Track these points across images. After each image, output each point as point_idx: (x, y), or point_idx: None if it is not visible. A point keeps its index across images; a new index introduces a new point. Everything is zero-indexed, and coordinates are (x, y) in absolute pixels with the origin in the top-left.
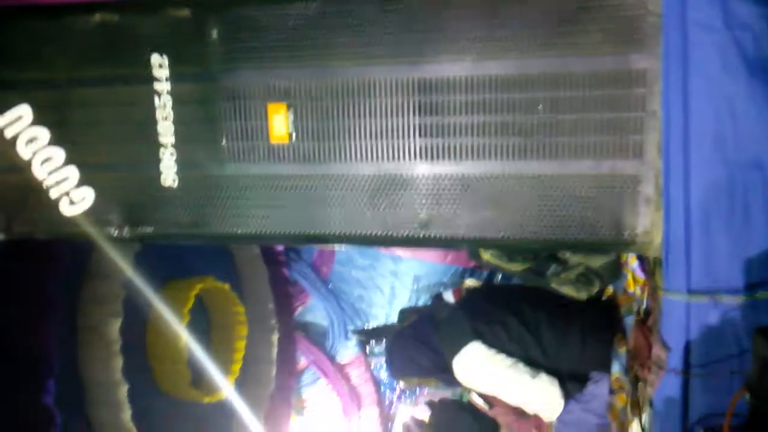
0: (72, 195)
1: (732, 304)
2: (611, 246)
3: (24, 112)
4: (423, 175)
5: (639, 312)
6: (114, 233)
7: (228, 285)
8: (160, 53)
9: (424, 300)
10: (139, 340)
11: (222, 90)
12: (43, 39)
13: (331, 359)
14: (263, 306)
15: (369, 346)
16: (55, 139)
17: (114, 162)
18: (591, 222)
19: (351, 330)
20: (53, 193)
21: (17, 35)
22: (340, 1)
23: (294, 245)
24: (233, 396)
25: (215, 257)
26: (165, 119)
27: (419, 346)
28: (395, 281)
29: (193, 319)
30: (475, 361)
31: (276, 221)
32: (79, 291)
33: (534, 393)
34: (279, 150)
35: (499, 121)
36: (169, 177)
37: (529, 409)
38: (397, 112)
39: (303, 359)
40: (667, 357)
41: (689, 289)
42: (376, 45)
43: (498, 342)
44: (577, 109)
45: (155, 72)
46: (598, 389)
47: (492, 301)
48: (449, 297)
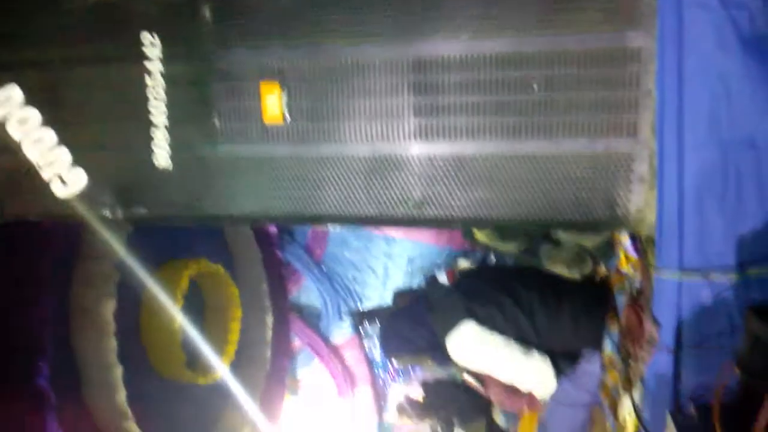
0: (64, 176)
1: (724, 282)
2: (605, 225)
3: (14, 92)
4: (417, 155)
5: (631, 291)
6: (107, 214)
7: (222, 267)
8: (151, 32)
9: (417, 281)
10: (134, 322)
11: (215, 70)
12: (33, 18)
13: (325, 340)
14: (257, 287)
15: (363, 327)
16: (47, 120)
17: (106, 143)
18: (585, 201)
19: (345, 311)
20: (45, 175)
21: (6, 14)
22: None
23: (288, 225)
24: (228, 377)
25: (209, 239)
26: (157, 99)
27: (413, 325)
28: (389, 262)
29: (188, 301)
30: (469, 340)
31: (270, 201)
32: (72, 273)
33: (527, 371)
34: (273, 130)
35: (494, 101)
36: (162, 158)
37: (522, 387)
38: (392, 91)
39: (297, 340)
40: (659, 334)
41: (681, 268)
42: (370, 23)
43: (491, 321)
44: (572, 88)
45: (147, 51)
46: (589, 367)
47: (486, 281)
48: (443, 278)
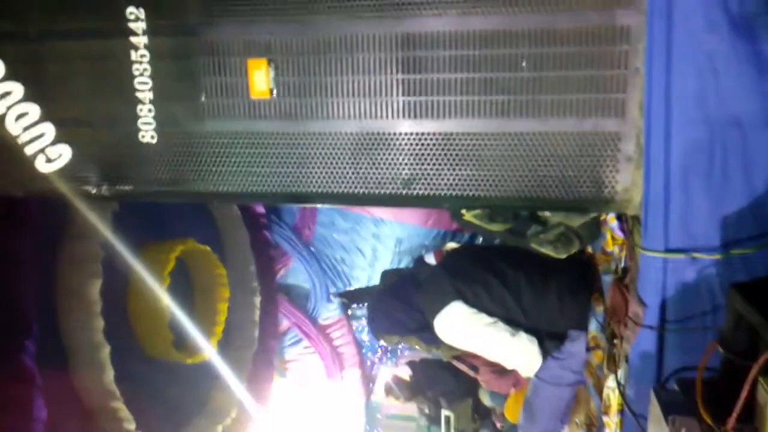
0: (48, 152)
1: (708, 261)
2: (591, 204)
3: None
4: (406, 133)
5: (617, 270)
6: (92, 191)
7: (209, 247)
8: (136, 5)
9: (405, 262)
10: (121, 302)
11: (201, 44)
12: None
13: (313, 321)
14: (245, 268)
15: (351, 308)
16: (30, 95)
17: (91, 118)
18: (572, 180)
19: (333, 292)
20: (29, 150)
21: None
22: None
23: (275, 203)
24: (216, 357)
25: (196, 219)
26: (142, 74)
27: (401, 305)
28: (377, 244)
29: (175, 282)
30: (457, 320)
31: (257, 179)
32: (58, 252)
33: (513, 351)
34: (259, 106)
35: (483, 78)
36: (148, 133)
37: (509, 366)
38: (380, 68)
39: (285, 321)
40: (644, 313)
41: (667, 248)
42: None
43: (479, 301)
44: (561, 66)
45: (132, 25)
46: (575, 347)
47: (473, 262)
48: (431, 259)
